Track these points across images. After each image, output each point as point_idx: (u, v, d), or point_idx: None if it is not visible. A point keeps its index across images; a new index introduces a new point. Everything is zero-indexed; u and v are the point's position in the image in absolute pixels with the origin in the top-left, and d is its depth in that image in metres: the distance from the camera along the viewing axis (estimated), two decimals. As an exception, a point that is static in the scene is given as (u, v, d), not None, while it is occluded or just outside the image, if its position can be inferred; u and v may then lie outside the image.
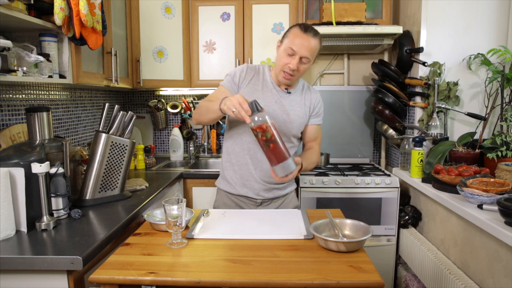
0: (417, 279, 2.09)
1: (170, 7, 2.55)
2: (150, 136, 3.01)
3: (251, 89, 1.60)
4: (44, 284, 1.13)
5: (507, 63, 2.04)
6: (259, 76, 1.64)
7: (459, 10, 2.19)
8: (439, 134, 2.24)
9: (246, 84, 1.61)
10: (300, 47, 1.48)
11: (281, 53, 1.54)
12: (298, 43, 1.48)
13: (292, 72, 1.51)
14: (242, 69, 1.64)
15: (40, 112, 1.47)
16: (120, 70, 2.21)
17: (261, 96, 1.59)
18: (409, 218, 2.22)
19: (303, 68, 1.52)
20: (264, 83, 1.63)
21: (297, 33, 1.50)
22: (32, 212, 1.31)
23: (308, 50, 1.48)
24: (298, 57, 1.49)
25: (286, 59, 1.51)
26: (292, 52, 1.49)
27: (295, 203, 1.76)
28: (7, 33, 1.56)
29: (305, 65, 1.52)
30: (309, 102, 1.67)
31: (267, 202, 1.68)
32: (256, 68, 1.66)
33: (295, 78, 1.56)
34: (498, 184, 1.63)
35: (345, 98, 2.82)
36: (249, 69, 1.65)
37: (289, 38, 1.51)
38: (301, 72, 1.54)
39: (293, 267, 1.05)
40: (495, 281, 1.45)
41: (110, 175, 1.65)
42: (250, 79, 1.62)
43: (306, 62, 1.51)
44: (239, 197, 1.67)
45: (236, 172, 1.65)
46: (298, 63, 1.50)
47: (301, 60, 1.50)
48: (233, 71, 1.64)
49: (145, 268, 1.05)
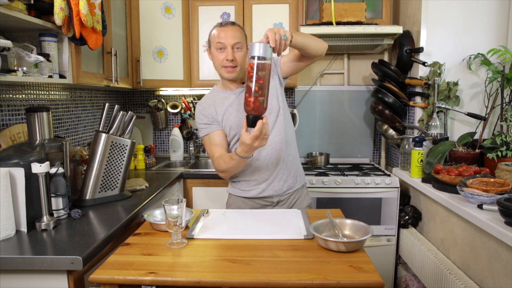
0: (417, 279, 2.09)
1: (170, 7, 2.55)
2: (150, 136, 3.01)
3: (222, 114, 1.61)
4: (44, 284, 1.13)
5: (507, 63, 2.04)
6: (216, 100, 1.64)
7: (459, 10, 2.19)
8: (439, 134, 2.24)
9: (215, 115, 1.62)
10: (226, 38, 1.53)
11: (214, 54, 1.58)
12: (222, 36, 1.53)
13: (231, 62, 1.54)
14: (201, 109, 1.64)
15: (40, 112, 1.47)
16: (120, 70, 2.21)
17: (233, 111, 1.59)
18: (409, 218, 2.22)
19: (239, 55, 1.55)
20: (224, 100, 1.62)
21: (217, 30, 1.56)
22: (32, 212, 1.31)
23: (234, 37, 1.53)
24: (230, 47, 1.53)
25: (220, 55, 1.55)
26: (222, 45, 1.54)
27: (309, 201, 1.75)
28: (7, 33, 1.56)
29: (240, 51, 1.55)
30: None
31: (282, 201, 1.66)
32: (208, 97, 1.67)
33: (239, 69, 1.57)
34: (498, 184, 1.63)
35: (345, 98, 2.82)
36: (205, 103, 1.65)
37: (213, 37, 1.57)
38: (241, 60, 1.55)
39: (293, 267, 1.05)
40: (495, 281, 1.45)
41: (110, 175, 1.65)
42: (214, 108, 1.62)
43: (240, 47, 1.54)
44: (255, 199, 1.66)
45: (248, 176, 1.63)
46: (232, 52, 1.53)
47: (234, 48, 1.54)
48: (198, 117, 1.64)
49: (145, 268, 1.05)
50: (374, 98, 2.53)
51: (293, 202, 1.69)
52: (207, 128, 1.63)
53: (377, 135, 2.89)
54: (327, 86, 2.87)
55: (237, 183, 1.69)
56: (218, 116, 1.62)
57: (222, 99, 1.63)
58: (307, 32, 2.30)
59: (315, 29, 2.32)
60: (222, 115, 1.61)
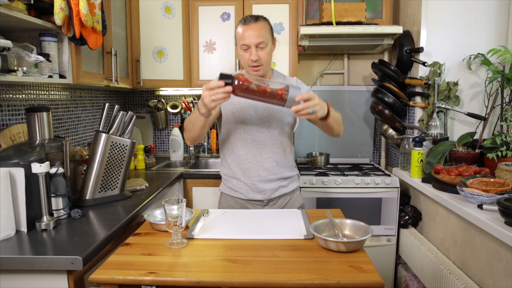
0: (417, 279, 2.09)
1: (170, 7, 2.55)
2: (150, 136, 3.01)
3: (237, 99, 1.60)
4: (44, 284, 1.13)
5: (507, 63, 2.04)
6: None
7: (459, 10, 2.19)
8: (439, 134, 2.24)
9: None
10: (249, 38, 1.52)
11: (240, 53, 1.59)
12: (245, 36, 1.53)
13: (256, 62, 1.55)
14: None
15: (40, 112, 1.47)
16: (120, 70, 2.21)
17: (245, 101, 1.60)
18: (409, 218, 2.22)
19: (264, 53, 1.55)
20: None
21: (240, 28, 1.55)
22: (32, 212, 1.31)
23: (257, 36, 1.52)
24: (253, 47, 1.53)
25: (245, 55, 1.56)
26: (246, 46, 1.54)
27: (301, 202, 1.76)
28: (7, 33, 1.56)
29: (265, 49, 1.55)
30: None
31: (273, 202, 1.68)
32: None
33: (264, 67, 1.58)
34: (498, 184, 1.63)
35: (345, 98, 2.82)
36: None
37: (237, 37, 1.57)
38: (265, 58, 1.56)
39: (293, 267, 1.05)
40: (495, 281, 1.45)
41: (110, 175, 1.65)
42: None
43: (264, 47, 1.54)
44: (245, 200, 1.68)
45: (240, 179, 1.66)
46: (256, 52, 1.53)
47: (258, 48, 1.54)
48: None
49: (145, 268, 1.05)
50: (374, 98, 2.53)
51: (284, 204, 1.71)
52: None
53: (377, 135, 2.89)
54: (327, 86, 2.87)
55: (229, 182, 1.70)
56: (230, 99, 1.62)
57: None
58: (307, 32, 2.32)
59: (315, 29, 2.32)
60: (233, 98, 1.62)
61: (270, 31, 1.58)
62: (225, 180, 1.73)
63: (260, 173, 1.63)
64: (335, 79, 2.93)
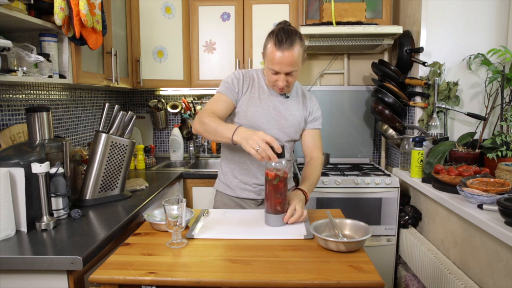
0: (417, 279, 2.09)
1: (170, 7, 2.55)
2: (150, 136, 3.01)
3: (249, 97, 1.59)
4: (44, 284, 1.13)
5: (507, 63, 2.04)
6: (255, 83, 1.61)
7: (459, 10, 2.19)
8: (439, 134, 2.24)
9: (244, 92, 1.59)
10: (280, 66, 1.42)
11: (267, 69, 1.49)
12: (277, 63, 1.42)
13: (283, 87, 1.50)
14: (239, 76, 1.60)
15: (40, 112, 1.47)
16: (120, 70, 2.21)
17: (258, 104, 1.58)
18: (409, 218, 2.22)
19: (293, 78, 1.49)
20: (261, 90, 1.60)
21: (273, 52, 1.41)
22: (32, 212, 1.31)
23: (289, 65, 1.42)
24: (283, 74, 1.45)
25: (273, 77, 1.48)
26: (275, 72, 1.46)
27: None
28: (7, 33, 1.56)
29: (293, 75, 1.48)
30: (307, 106, 1.66)
31: None
32: (251, 75, 1.62)
33: (291, 87, 1.57)
34: (498, 184, 1.63)
35: (345, 98, 2.82)
36: (245, 76, 1.61)
37: (268, 57, 1.45)
38: (293, 80, 1.51)
39: (293, 267, 1.05)
40: (495, 281, 1.45)
41: (110, 175, 1.65)
42: (248, 86, 1.59)
43: (293, 73, 1.47)
44: (240, 198, 1.68)
45: (237, 177, 1.65)
46: (285, 78, 1.47)
47: (288, 74, 1.46)
48: (230, 78, 1.59)
49: (145, 268, 1.05)
50: (374, 98, 2.53)
51: None
52: (226, 91, 1.56)
53: (377, 135, 2.89)
54: (327, 86, 2.87)
55: (224, 179, 1.70)
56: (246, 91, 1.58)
57: (260, 90, 1.60)
58: (307, 32, 2.32)
59: (315, 29, 2.32)
60: (248, 94, 1.58)
61: (303, 53, 1.46)
62: (222, 177, 1.72)
63: (258, 176, 1.63)
64: (335, 79, 2.93)
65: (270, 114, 1.58)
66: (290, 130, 1.61)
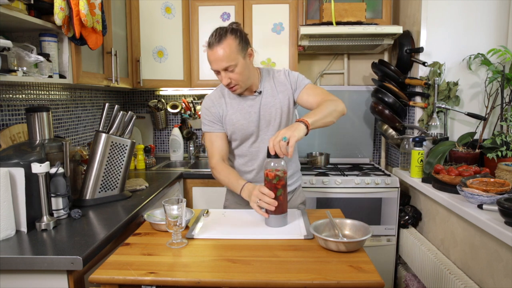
0: (417, 279, 2.09)
1: (170, 7, 2.55)
2: (150, 136, 3.01)
3: (227, 112, 1.59)
4: (44, 284, 1.13)
5: (507, 63, 2.04)
6: (225, 98, 1.60)
7: (459, 10, 2.19)
8: (439, 134, 2.24)
9: (224, 111, 1.59)
10: (215, 64, 1.45)
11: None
12: (212, 61, 1.46)
13: (230, 84, 1.49)
14: (209, 104, 1.60)
15: (40, 112, 1.47)
16: (120, 70, 2.21)
17: (238, 112, 1.57)
18: (409, 218, 2.22)
19: (235, 75, 1.46)
20: (232, 100, 1.60)
21: (207, 53, 1.48)
22: (32, 212, 1.31)
23: (222, 60, 1.43)
24: (222, 71, 1.46)
25: (218, 77, 1.51)
26: (216, 71, 1.48)
27: (303, 198, 1.76)
28: (7, 33, 1.56)
29: (236, 70, 1.45)
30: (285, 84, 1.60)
31: None
32: (217, 94, 1.62)
33: (240, 85, 1.51)
34: (498, 184, 1.63)
35: (345, 98, 2.82)
36: (214, 100, 1.61)
37: (208, 60, 1.50)
38: (238, 78, 1.47)
39: (293, 267, 1.05)
40: (495, 281, 1.45)
41: (110, 175, 1.65)
42: (222, 106, 1.59)
43: (232, 69, 1.44)
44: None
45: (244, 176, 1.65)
46: (226, 75, 1.46)
47: (227, 71, 1.45)
48: (204, 112, 1.61)
49: (145, 268, 1.05)
50: (374, 98, 2.53)
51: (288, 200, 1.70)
52: (210, 126, 1.61)
53: (377, 135, 2.89)
54: (327, 86, 2.87)
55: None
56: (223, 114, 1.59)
57: (231, 101, 1.60)
58: (307, 32, 2.32)
59: (315, 29, 2.32)
60: (227, 115, 1.58)
61: (239, 46, 1.45)
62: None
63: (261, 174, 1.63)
64: (335, 79, 2.93)
65: (252, 117, 1.57)
66: (279, 118, 1.58)
